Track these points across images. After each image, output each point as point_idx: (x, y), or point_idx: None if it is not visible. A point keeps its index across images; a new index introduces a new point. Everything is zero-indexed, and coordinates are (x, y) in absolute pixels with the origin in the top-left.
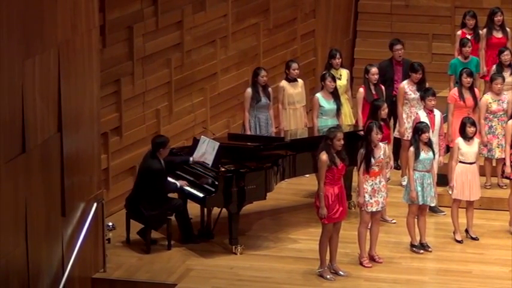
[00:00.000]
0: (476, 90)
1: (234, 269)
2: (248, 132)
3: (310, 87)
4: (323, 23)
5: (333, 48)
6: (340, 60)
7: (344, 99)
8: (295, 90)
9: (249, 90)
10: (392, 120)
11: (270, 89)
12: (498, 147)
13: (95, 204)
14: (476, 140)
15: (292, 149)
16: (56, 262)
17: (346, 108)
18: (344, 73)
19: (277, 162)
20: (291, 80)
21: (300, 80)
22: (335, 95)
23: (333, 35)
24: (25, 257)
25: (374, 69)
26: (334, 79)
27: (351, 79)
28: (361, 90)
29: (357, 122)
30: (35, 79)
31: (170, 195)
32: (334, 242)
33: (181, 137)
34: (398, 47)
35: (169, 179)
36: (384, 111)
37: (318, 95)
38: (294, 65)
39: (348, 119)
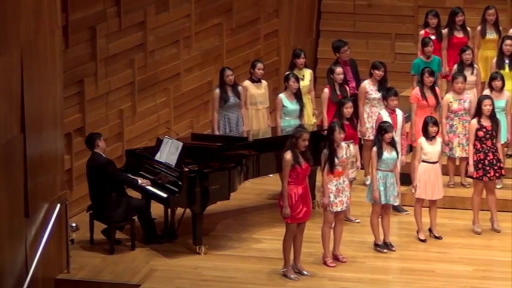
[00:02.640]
0: (437, 89)
1: (198, 269)
2: (216, 133)
3: (274, 87)
4: (286, 23)
5: (297, 48)
6: (304, 60)
7: (307, 99)
8: (258, 91)
9: (217, 90)
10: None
11: (239, 88)
12: (459, 146)
13: (59, 205)
14: (438, 140)
15: (255, 149)
16: (19, 263)
17: (309, 109)
18: (307, 73)
19: (240, 162)
20: (255, 80)
21: (263, 81)
22: (298, 95)
23: (296, 34)
24: None
25: (339, 69)
26: (297, 80)
27: (314, 79)
28: (326, 90)
29: (321, 122)
30: None
31: (133, 195)
32: (298, 242)
33: (144, 137)
34: (346, 48)
35: (131, 176)
36: (347, 110)
37: (281, 95)
38: (260, 65)
39: (310, 119)
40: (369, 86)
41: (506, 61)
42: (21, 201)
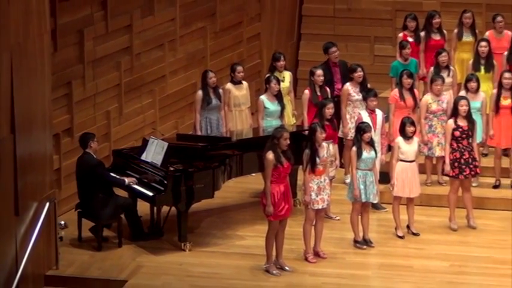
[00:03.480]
0: (415, 91)
1: (184, 266)
2: (199, 133)
3: (256, 88)
4: (268, 27)
5: (277, 52)
6: (283, 62)
7: (287, 100)
8: (240, 93)
9: (200, 92)
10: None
11: (220, 90)
12: (438, 146)
13: (48, 204)
14: (415, 139)
15: (238, 149)
16: (9, 260)
17: (289, 109)
18: (287, 75)
19: (224, 161)
20: (236, 82)
21: (244, 83)
22: (279, 97)
23: (277, 38)
24: None
25: (319, 72)
26: (278, 82)
27: (295, 81)
28: (307, 91)
29: (302, 122)
30: None
31: (120, 193)
32: (280, 239)
33: (131, 137)
34: (334, 49)
35: (117, 176)
36: (329, 110)
37: (263, 97)
38: (239, 68)
39: (290, 119)
40: (351, 88)
41: (482, 63)
42: (11, 199)
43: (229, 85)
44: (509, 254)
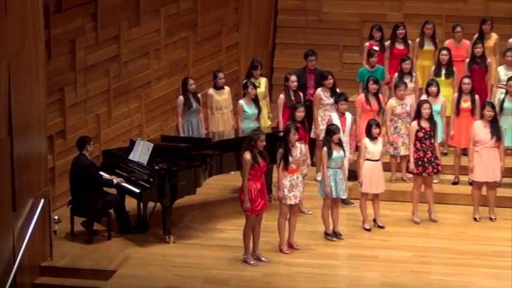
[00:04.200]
0: (380, 95)
1: (168, 257)
2: (181, 135)
3: (235, 93)
4: (245, 37)
5: (255, 60)
6: (260, 71)
7: (263, 104)
8: (222, 97)
9: (181, 97)
10: (306, 123)
11: (199, 95)
12: (403, 146)
13: (42, 200)
14: (380, 140)
15: (219, 149)
16: (7, 252)
17: (265, 112)
18: (263, 81)
19: (205, 161)
20: (218, 87)
21: (226, 88)
22: (256, 101)
23: (254, 47)
24: None
25: (293, 77)
26: (255, 87)
27: (271, 86)
28: (282, 96)
29: (277, 124)
30: None
31: (109, 191)
32: (257, 232)
33: (119, 139)
34: (313, 57)
35: (107, 176)
36: (299, 113)
37: (241, 101)
38: (220, 75)
39: (266, 121)
40: (322, 93)
41: (443, 70)
42: (9, 196)
43: (211, 90)
44: (467, 245)
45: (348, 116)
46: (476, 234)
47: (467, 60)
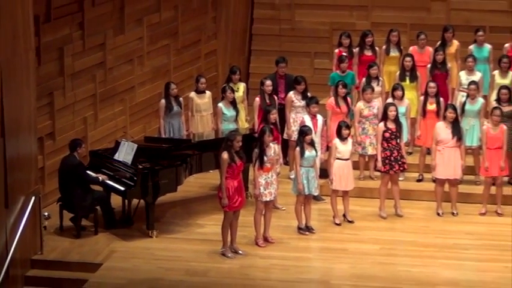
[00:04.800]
0: (348, 98)
1: (151, 250)
2: (163, 136)
3: (213, 97)
4: (223, 44)
5: (234, 66)
6: (239, 76)
7: (241, 107)
8: (202, 101)
9: (163, 101)
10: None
11: (181, 99)
12: (370, 145)
13: (33, 198)
14: (350, 140)
15: (198, 149)
16: (0, 246)
17: (242, 115)
18: (241, 86)
19: (186, 160)
20: (199, 91)
21: (208, 92)
22: (234, 104)
23: (231, 53)
24: None
25: (268, 82)
26: (233, 91)
27: (247, 90)
28: (257, 99)
29: (253, 125)
30: None
31: (96, 188)
32: (234, 226)
33: (105, 140)
34: (283, 64)
35: (93, 174)
36: (273, 116)
37: (220, 104)
38: (202, 80)
39: (243, 123)
40: (294, 96)
41: (407, 75)
42: (2, 194)
43: (192, 94)
44: (431, 239)
45: (319, 118)
46: (439, 228)
47: (429, 65)
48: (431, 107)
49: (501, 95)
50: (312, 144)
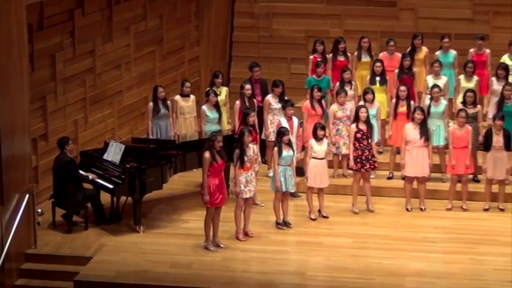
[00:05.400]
0: (323, 101)
1: (138, 244)
2: (151, 137)
3: (196, 101)
4: (205, 51)
5: (217, 71)
6: (221, 80)
7: (223, 110)
8: (186, 103)
9: (151, 103)
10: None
11: (168, 102)
12: (344, 145)
13: (27, 195)
14: (325, 141)
15: (182, 150)
16: None
17: (224, 117)
18: (223, 90)
19: (171, 160)
20: (184, 95)
21: (192, 96)
22: (217, 106)
23: (213, 59)
24: None
25: (248, 86)
26: (216, 94)
27: (228, 94)
28: (238, 102)
29: (234, 127)
30: None
31: (87, 187)
32: (216, 222)
33: (95, 141)
34: (257, 69)
35: (83, 172)
36: (251, 118)
37: (204, 107)
38: (187, 84)
39: (225, 125)
40: (271, 99)
41: (377, 78)
42: None
43: (177, 97)
44: (400, 233)
45: (295, 120)
46: (408, 222)
47: (397, 70)
48: (402, 109)
49: (467, 97)
50: (289, 144)
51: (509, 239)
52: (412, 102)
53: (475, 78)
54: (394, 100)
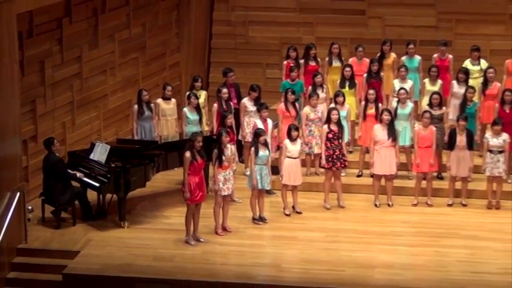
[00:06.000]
0: (296, 104)
1: (123, 239)
2: (136, 137)
3: (177, 104)
4: (185, 57)
5: (196, 75)
6: (200, 84)
7: (203, 112)
8: (168, 106)
9: (136, 106)
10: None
11: (152, 104)
12: (316, 145)
13: (18, 193)
14: (299, 141)
15: (164, 150)
16: None
17: (204, 119)
18: (202, 94)
19: (153, 159)
20: (165, 98)
21: (173, 99)
22: (197, 109)
23: (193, 65)
24: None
25: (225, 90)
26: (196, 97)
27: (207, 97)
28: (215, 105)
29: (212, 129)
30: None
31: (74, 185)
32: (196, 218)
33: (82, 142)
34: (231, 74)
35: (71, 171)
36: (229, 120)
37: (185, 109)
38: (169, 88)
39: (204, 127)
40: (248, 102)
41: (347, 83)
42: None
43: (159, 100)
44: (369, 227)
45: (269, 122)
46: (376, 217)
47: (365, 74)
48: (371, 111)
49: (433, 99)
50: (265, 144)
51: (471, 233)
52: (380, 104)
53: (439, 81)
54: (363, 103)
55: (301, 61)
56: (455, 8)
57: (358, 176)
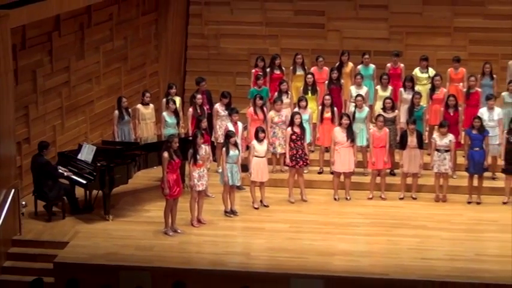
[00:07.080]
0: (264, 108)
1: (108, 231)
2: (117, 140)
3: (155, 109)
4: (163, 66)
5: (171, 83)
6: (175, 90)
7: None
8: (147, 111)
9: (116, 112)
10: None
11: (130, 110)
12: (279, 146)
13: (13, 190)
14: (265, 141)
15: (145, 150)
16: None
17: (180, 122)
18: (177, 100)
19: (135, 159)
20: (145, 104)
21: (151, 105)
22: (175, 113)
23: (170, 74)
24: None
25: (199, 96)
26: (174, 103)
27: (183, 103)
28: (190, 110)
29: (188, 131)
30: None
31: (62, 182)
32: (174, 211)
33: (70, 143)
34: (203, 83)
35: (61, 169)
36: (204, 123)
37: (164, 113)
38: (147, 94)
39: (182, 129)
40: (219, 107)
41: (309, 89)
42: None
43: (139, 105)
44: (329, 218)
45: (240, 125)
46: (336, 210)
47: (326, 82)
48: (327, 114)
49: (386, 104)
50: (235, 145)
51: (421, 223)
52: (335, 109)
53: (390, 87)
54: (320, 107)
55: (268, 70)
56: (405, 22)
57: (319, 172)
